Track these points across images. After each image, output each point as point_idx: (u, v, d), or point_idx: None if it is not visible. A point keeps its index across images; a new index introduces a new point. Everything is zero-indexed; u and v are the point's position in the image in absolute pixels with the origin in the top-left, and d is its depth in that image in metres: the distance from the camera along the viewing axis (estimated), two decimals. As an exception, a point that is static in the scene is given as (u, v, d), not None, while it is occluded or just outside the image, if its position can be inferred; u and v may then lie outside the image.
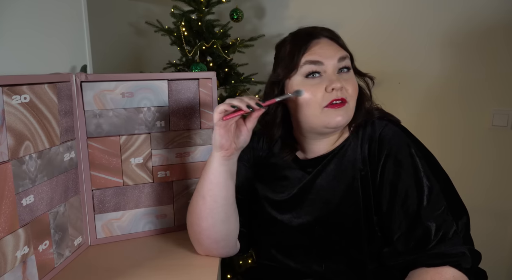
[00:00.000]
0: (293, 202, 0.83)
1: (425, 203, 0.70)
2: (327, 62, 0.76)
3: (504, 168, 1.61)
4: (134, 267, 0.82)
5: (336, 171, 0.80)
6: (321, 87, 0.75)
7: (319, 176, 0.81)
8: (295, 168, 0.85)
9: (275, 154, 0.89)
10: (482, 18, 1.55)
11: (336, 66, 0.77)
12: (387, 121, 0.79)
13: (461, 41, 1.59)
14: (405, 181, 0.72)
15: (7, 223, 0.64)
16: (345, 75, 0.78)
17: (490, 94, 1.58)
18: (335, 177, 0.79)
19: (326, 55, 0.76)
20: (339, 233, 0.77)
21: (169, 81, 0.92)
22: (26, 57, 1.08)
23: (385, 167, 0.74)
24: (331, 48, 0.78)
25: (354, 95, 0.78)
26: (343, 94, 0.76)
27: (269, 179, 0.88)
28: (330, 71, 0.76)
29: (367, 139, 0.78)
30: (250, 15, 1.89)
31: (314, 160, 0.83)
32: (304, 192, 0.82)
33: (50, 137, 0.76)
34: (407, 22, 1.64)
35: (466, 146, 1.64)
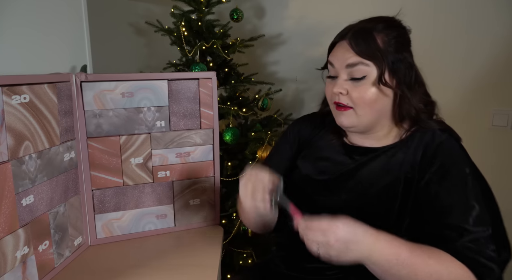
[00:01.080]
0: (331, 185, 0.82)
1: (469, 225, 0.67)
2: (337, 67, 0.78)
3: (504, 168, 1.61)
4: (134, 267, 0.82)
5: (382, 168, 0.79)
6: (331, 87, 0.79)
7: (363, 167, 0.80)
8: (340, 152, 0.85)
9: (323, 136, 0.90)
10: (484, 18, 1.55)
11: (345, 71, 0.77)
12: (449, 134, 0.78)
13: (461, 41, 1.59)
14: (452, 196, 0.70)
15: (7, 223, 0.64)
16: (355, 82, 0.76)
17: (490, 94, 1.58)
18: (379, 174, 0.78)
19: (337, 59, 0.78)
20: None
21: (169, 81, 0.92)
22: (26, 57, 1.08)
23: (434, 177, 0.72)
24: (344, 53, 0.77)
25: (360, 102, 0.76)
26: (343, 99, 0.77)
27: (312, 158, 0.88)
28: (340, 74, 0.77)
29: (423, 145, 0.76)
30: (250, 15, 1.88)
31: (362, 149, 0.83)
32: (344, 178, 0.81)
33: (50, 137, 0.76)
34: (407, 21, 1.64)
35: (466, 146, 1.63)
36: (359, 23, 0.80)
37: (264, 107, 1.54)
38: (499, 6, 1.53)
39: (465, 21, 1.58)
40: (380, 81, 0.75)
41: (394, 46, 0.77)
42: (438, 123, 0.80)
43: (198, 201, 1.00)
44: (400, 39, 0.78)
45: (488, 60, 1.58)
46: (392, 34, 0.78)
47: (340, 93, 0.77)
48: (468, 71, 1.60)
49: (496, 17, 1.53)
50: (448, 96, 1.64)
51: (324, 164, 0.85)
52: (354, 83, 0.76)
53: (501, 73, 1.56)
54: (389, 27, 0.78)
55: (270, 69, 1.94)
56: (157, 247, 0.91)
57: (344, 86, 0.77)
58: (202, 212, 1.01)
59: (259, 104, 1.54)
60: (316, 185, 0.84)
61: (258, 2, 1.90)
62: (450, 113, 1.74)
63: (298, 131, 0.95)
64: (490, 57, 1.57)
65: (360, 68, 0.75)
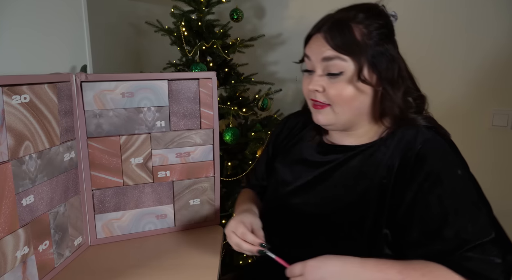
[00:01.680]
0: (306, 189, 0.79)
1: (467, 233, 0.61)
2: (313, 60, 0.73)
3: (504, 168, 1.61)
4: (134, 267, 0.82)
5: (358, 170, 0.73)
6: (307, 84, 0.74)
7: (339, 168, 0.75)
8: (317, 152, 0.81)
9: (303, 137, 0.87)
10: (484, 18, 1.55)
11: (322, 66, 0.71)
12: (434, 132, 0.70)
13: (461, 41, 1.59)
14: (446, 204, 0.63)
15: (7, 223, 0.64)
16: (332, 78, 0.71)
17: (490, 94, 1.58)
18: (355, 176, 0.73)
19: (313, 51, 0.73)
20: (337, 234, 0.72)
21: (169, 81, 0.92)
22: (26, 57, 1.08)
23: (424, 185, 0.65)
24: (320, 47, 0.71)
25: (338, 100, 0.71)
26: (319, 97, 0.72)
27: (289, 161, 0.85)
28: (317, 69, 0.73)
29: (404, 146, 0.69)
30: (250, 15, 1.88)
31: (339, 147, 0.78)
32: (319, 180, 0.77)
33: (50, 137, 0.76)
34: (407, 22, 1.64)
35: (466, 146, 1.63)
36: (337, 13, 0.74)
37: (264, 107, 1.54)
38: (499, 6, 1.53)
39: (465, 21, 1.58)
40: (358, 78, 0.69)
41: (374, 38, 0.70)
42: (425, 119, 0.73)
43: (198, 201, 1.00)
44: (383, 30, 0.71)
45: (488, 60, 1.58)
46: (373, 25, 0.70)
47: (316, 90, 0.72)
48: (468, 71, 1.60)
49: (496, 17, 1.53)
50: (448, 96, 1.64)
51: (300, 168, 0.82)
52: (331, 79, 0.71)
53: (501, 73, 1.56)
54: (369, 17, 0.71)
55: (270, 69, 1.94)
56: (157, 247, 0.91)
57: (320, 82, 0.72)
58: (202, 212, 1.01)
59: (259, 104, 1.54)
60: (292, 190, 0.80)
61: (258, 2, 1.90)
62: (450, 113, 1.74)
63: (277, 135, 0.94)
64: (490, 57, 1.57)
65: (336, 63, 0.69)
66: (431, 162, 0.66)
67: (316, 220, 0.75)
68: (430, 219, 0.64)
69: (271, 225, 0.83)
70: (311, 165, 0.80)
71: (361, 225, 0.69)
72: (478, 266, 0.60)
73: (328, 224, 0.74)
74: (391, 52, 0.72)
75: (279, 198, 0.83)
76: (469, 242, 0.61)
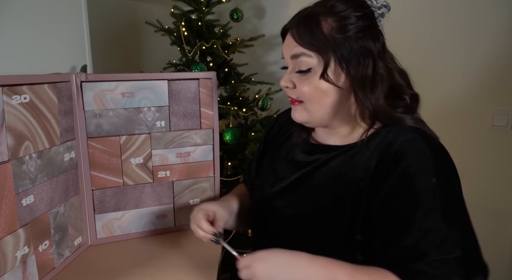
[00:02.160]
0: (289, 190, 0.77)
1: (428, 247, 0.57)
2: (286, 58, 0.72)
3: (503, 168, 1.61)
4: (134, 267, 0.82)
5: (337, 171, 0.71)
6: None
7: (319, 170, 0.73)
8: (302, 151, 0.79)
9: (291, 135, 0.85)
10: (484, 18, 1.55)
11: (292, 63, 0.70)
12: (418, 133, 0.65)
13: (461, 41, 1.59)
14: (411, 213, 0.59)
15: (7, 223, 0.64)
16: (302, 75, 0.69)
17: (490, 94, 1.58)
18: (334, 178, 0.71)
19: (284, 49, 0.72)
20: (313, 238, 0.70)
21: (169, 81, 0.92)
22: (26, 57, 1.08)
23: (394, 188, 0.61)
24: (289, 43, 0.70)
25: (308, 97, 0.69)
26: (292, 93, 0.72)
27: (275, 161, 0.85)
28: (289, 66, 0.72)
29: (384, 147, 0.65)
30: (250, 15, 1.88)
31: (324, 147, 0.76)
32: (300, 181, 0.76)
33: (50, 137, 0.76)
34: (407, 22, 1.64)
35: (466, 146, 1.64)
36: (312, 6, 0.70)
37: (264, 107, 1.54)
38: (498, 6, 1.53)
39: (465, 21, 1.58)
40: (322, 75, 0.65)
41: (348, 32, 0.64)
42: (414, 120, 0.68)
43: (198, 201, 1.00)
44: (360, 23, 0.65)
45: (488, 60, 1.58)
46: (350, 18, 0.65)
47: (286, 87, 0.72)
48: (468, 71, 1.60)
49: (496, 17, 1.53)
50: (448, 96, 1.64)
51: (286, 167, 0.80)
52: (301, 76, 0.69)
53: (501, 73, 1.56)
54: (348, 9, 0.66)
55: (270, 69, 1.94)
56: (157, 247, 0.91)
57: (291, 79, 0.71)
58: (202, 212, 1.01)
59: (259, 104, 1.54)
60: (276, 191, 0.79)
61: (258, 2, 1.90)
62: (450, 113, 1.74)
63: (267, 133, 0.94)
64: (490, 57, 1.57)
65: (304, 60, 0.67)
66: (406, 164, 0.61)
67: (295, 223, 0.74)
68: (392, 225, 0.61)
69: (257, 225, 0.84)
70: (296, 165, 0.78)
71: (336, 229, 0.67)
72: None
73: (306, 227, 0.72)
74: (369, 46, 0.65)
75: (264, 198, 0.82)
76: (427, 255, 0.57)
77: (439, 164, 0.62)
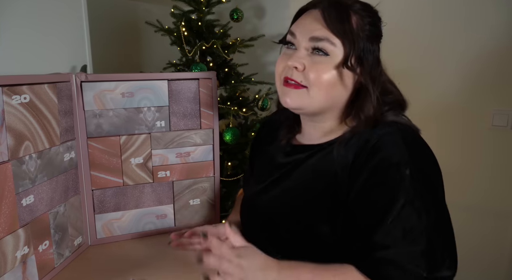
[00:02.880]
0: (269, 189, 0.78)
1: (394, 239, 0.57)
2: (299, 37, 0.68)
3: (503, 168, 1.61)
4: (134, 267, 0.82)
5: (316, 168, 0.71)
6: (286, 59, 0.69)
7: (298, 168, 0.74)
8: (284, 152, 0.79)
9: (276, 137, 0.85)
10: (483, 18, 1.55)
11: (308, 45, 0.67)
12: (396, 127, 0.65)
13: (461, 41, 1.59)
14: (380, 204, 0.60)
15: (7, 223, 0.64)
16: (317, 58, 0.66)
17: (490, 94, 1.58)
18: (312, 174, 0.71)
19: (301, 29, 0.68)
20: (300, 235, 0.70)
21: (169, 81, 0.92)
22: (26, 57, 1.08)
23: (368, 180, 0.62)
24: (312, 23, 0.67)
25: (317, 83, 0.66)
26: (297, 76, 0.67)
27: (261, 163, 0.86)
28: (300, 47, 0.68)
29: (362, 142, 0.65)
30: (250, 15, 1.88)
31: (303, 147, 0.76)
32: (280, 181, 0.76)
33: (50, 137, 0.76)
34: (408, 22, 1.64)
35: (466, 146, 1.64)
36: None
37: (264, 107, 1.54)
38: (499, 6, 1.53)
39: (465, 21, 1.58)
40: (344, 64, 0.65)
41: (367, 33, 0.67)
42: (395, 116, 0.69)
43: (198, 201, 1.00)
44: (374, 29, 0.68)
45: (488, 60, 1.58)
46: (368, 20, 0.67)
47: (295, 67, 0.67)
48: (468, 71, 1.60)
49: (496, 17, 1.53)
50: (448, 96, 1.64)
51: (268, 169, 0.81)
52: (315, 59, 0.66)
53: (501, 73, 1.56)
54: (365, 10, 0.68)
55: (270, 69, 1.93)
56: (157, 247, 0.91)
57: (302, 60, 0.66)
58: (202, 212, 1.01)
59: (259, 104, 1.54)
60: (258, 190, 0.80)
61: (258, 2, 1.90)
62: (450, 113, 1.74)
63: (255, 138, 0.95)
64: (490, 57, 1.57)
65: (325, 45, 0.65)
66: (381, 156, 0.62)
67: (274, 223, 0.75)
68: (364, 217, 0.61)
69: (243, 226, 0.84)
70: (276, 167, 0.79)
71: (317, 225, 0.67)
72: (394, 273, 0.56)
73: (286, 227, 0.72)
74: (377, 54, 0.69)
75: (247, 200, 0.84)
76: (396, 246, 0.57)
77: (414, 156, 0.62)
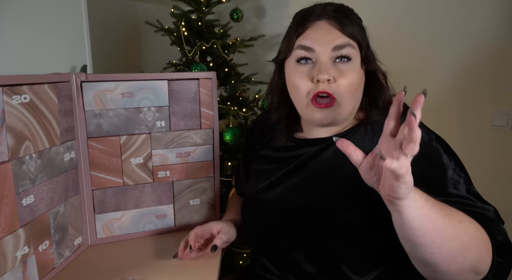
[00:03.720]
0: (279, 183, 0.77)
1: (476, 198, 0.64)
2: (319, 50, 0.67)
3: (503, 168, 1.61)
4: (134, 267, 0.82)
5: (334, 159, 0.70)
6: (309, 76, 0.68)
7: (312, 160, 0.73)
8: (288, 148, 0.79)
9: (274, 136, 0.85)
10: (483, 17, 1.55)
11: (331, 55, 0.67)
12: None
13: (461, 41, 1.59)
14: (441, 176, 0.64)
15: (7, 223, 0.64)
16: (342, 66, 0.67)
17: (490, 94, 1.58)
18: (331, 165, 0.70)
19: (319, 41, 0.67)
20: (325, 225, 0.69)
21: (169, 81, 0.92)
22: (26, 57, 1.08)
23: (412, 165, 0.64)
24: (328, 32, 0.67)
25: (347, 92, 0.67)
26: (331, 88, 0.66)
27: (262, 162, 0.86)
28: (323, 59, 0.67)
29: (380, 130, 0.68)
30: (250, 15, 1.88)
31: (312, 141, 0.76)
32: (292, 175, 0.75)
33: (50, 137, 0.76)
34: (407, 22, 1.64)
35: (466, 146, 1.64)
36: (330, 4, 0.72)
37: (264, 107, 1.54)
38: (499, 5, 1.53)
39: (464, 21, 1.58)
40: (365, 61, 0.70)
41: (362, 29, 0.72)
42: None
43: (198, 201, 1.00)
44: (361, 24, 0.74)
45: (488, 60, 1.58)
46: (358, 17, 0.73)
47: (328, 80, 0.66)
48: (468, 71, 1.61)
49: (496, 16, 1.53)
50: (448, 96, 1.64)
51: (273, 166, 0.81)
52: (340, 67, 0.67)
53: (501, 73, 1.56)
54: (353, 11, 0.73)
55: (270, 69, 1.93)
56: (157, 247, 0.91)
57: (331, 71, 0.66)
58: (202, 212, 1.01)
59: (259, 104, 1.54)
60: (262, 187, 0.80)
61: (258, 2, 1.90)
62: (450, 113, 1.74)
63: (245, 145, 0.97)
64: (490, 57, 1.57)
65: (348, 51, 0.67)
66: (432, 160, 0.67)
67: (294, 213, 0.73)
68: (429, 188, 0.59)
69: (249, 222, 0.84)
70: (282, 162, 0.79)
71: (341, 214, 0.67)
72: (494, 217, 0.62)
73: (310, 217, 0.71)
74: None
75: (252, 196, 0.83)
76: (476, 202, 0.63)
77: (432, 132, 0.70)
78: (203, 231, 0.84)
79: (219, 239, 0.82)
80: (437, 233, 0.52)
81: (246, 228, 0.87)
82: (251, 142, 0.95)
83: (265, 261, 0.78)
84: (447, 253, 0.53)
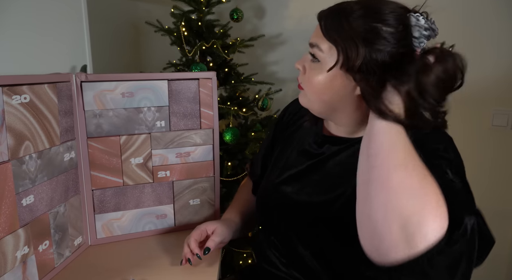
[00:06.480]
0: (298, 177, 0.79)
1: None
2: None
3: (503, 168, 1.61)
4: (134, 267, 0.82)
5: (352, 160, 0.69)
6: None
7: (332, 158, 0.76)
8: (314, 142, 0.81)
9: (302, 125, 0.87)
10: (483, 17, 1.55)
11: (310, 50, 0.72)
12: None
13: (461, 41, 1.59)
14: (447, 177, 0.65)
15: (7, 223, 0.64)
16: (312, 64, 0.71)
17: (490, 94, 1.58)
18: (349, 166, 0.70)
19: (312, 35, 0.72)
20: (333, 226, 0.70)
21: (169, 81, 0.92)
22: (26, 57, 1.08)
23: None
24: (316, 31, 0.71)
25: (310, 89, 0.71)
26: (301, 77, 0.74)
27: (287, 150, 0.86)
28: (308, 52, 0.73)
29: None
30: (250, 15, 1.88)
31: (335, 139, 0.78)
32: (311, 170, 0.77)
33: (50, 137, 0.76)
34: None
35: (466, 146, 1.63)
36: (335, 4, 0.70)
37: (264, 107, 1.54)
38: (499, 5, 1.53)
39: (464, 20, 1.58)
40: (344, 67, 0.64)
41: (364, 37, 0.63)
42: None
43: (198, 201, 1.00)
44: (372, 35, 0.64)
45: (488, 60, 1.58)
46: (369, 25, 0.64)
47: (298, 68, 0.74)
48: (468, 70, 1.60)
49: (496, 16, 1.53)
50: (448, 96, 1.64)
51: (296, 157, 0.82)
52: (311, 65, 0.71)
53: (501, 73, 1.56)
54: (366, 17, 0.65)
55: (270, 69, 1.94)
56: (157, 247, 0.91)
57: (304, 63, 0.73)
58: (202, 212, 1.01)
59: (259, 104, 1.54)
60: (284, 179, 0.81)
61: (258, 2, 1.90)
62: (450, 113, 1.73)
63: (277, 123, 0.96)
64: (489, 57, 1.57)
65: (315, 52, 0.69)
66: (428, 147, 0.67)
67: (308, 208, 0.75)
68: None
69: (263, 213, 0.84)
70: (306, 155, 0.80)
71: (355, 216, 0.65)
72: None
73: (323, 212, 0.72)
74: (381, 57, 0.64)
75: (270, 185, 0.83)
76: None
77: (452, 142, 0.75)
78: (200, 235, 0.83)
79: (211, 241, 0.81)
80: (395, 161, 0.54)
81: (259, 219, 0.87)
82: (283, 122, 0.94)
83: (272, 256, 0.80)
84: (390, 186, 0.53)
